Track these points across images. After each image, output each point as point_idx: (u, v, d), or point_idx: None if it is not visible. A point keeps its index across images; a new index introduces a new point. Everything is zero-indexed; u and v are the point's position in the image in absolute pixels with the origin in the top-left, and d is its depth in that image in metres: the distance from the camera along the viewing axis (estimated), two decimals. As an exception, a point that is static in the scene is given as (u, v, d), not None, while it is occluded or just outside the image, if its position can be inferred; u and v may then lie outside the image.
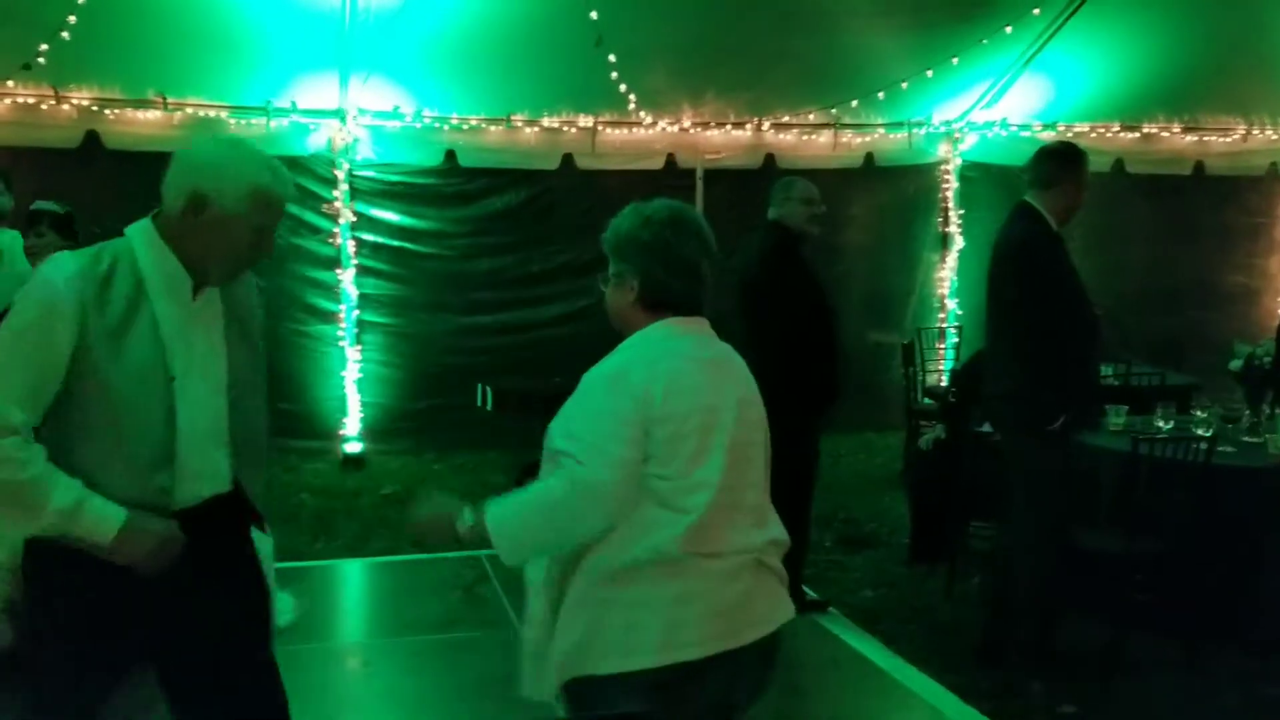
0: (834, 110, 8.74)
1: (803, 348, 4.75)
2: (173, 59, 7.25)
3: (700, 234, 2.35)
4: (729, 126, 8.79)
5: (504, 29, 7.11)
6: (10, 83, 7.20)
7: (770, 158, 8.87)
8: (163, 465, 2.25)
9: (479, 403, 7.27)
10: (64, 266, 2.19)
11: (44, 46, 6.72)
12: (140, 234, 2.29)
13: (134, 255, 2.25)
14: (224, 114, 7.79)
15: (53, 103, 7.40)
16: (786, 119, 8.80)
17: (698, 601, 2.17)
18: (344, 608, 5.68)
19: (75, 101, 7.44)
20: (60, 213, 5.06)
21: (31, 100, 7.36)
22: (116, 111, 7.57)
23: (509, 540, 2.17)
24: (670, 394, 2.18)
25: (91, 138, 7.55)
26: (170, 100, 7.60)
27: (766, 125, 8.84)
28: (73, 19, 6.45)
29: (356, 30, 7.05)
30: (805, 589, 5.08)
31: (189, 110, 7.70)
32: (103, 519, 2.17)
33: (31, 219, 5.02)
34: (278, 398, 7.91)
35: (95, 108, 7.50)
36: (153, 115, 7.65)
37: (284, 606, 4.52)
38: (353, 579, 5.85)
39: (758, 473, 2.34)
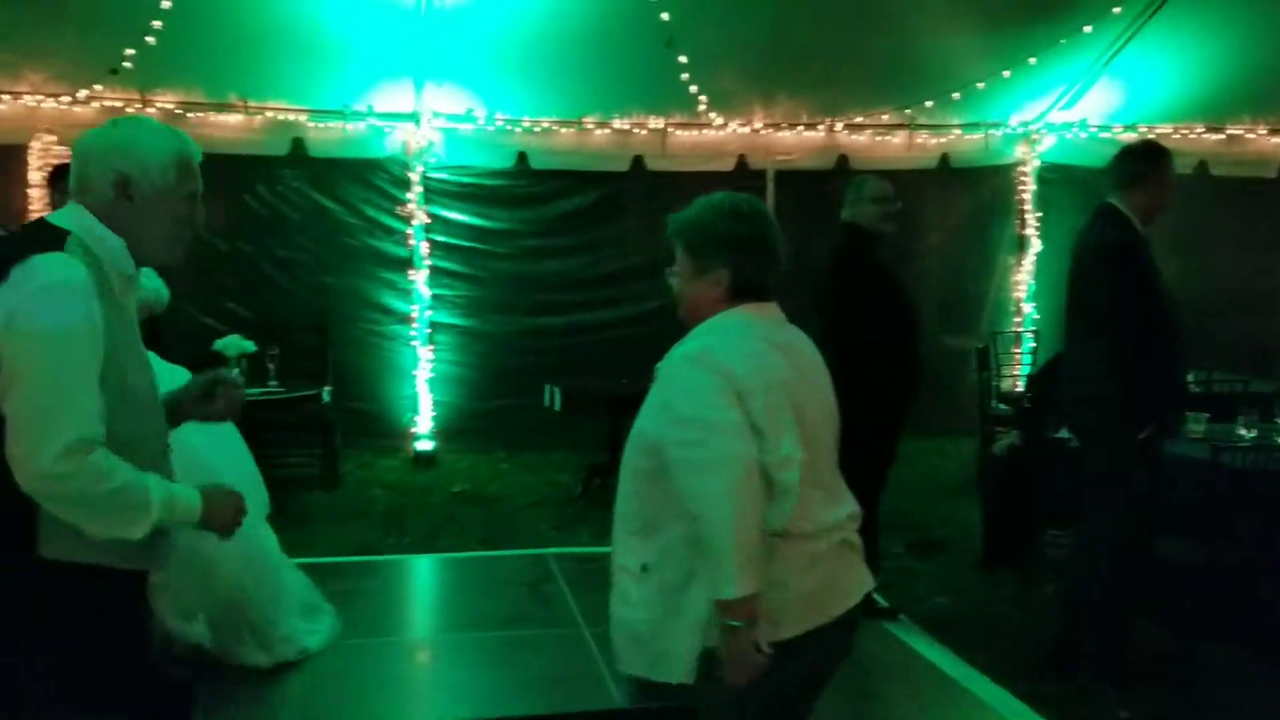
0: (908, 111, 8.64)
1: (875, 351, 4.67)
2: (253, 63, 7.42)
3: (775, 222, 2.42)
4: (801, 127, 8.74)
5: (575, 32, 7.15)
6: (98, 87, 7.43)
7: (843, 159, 8.81)
8: (164, 457, 2.28)
9: (547, 403, 7.32)
10: (72, 265, 2.07)
11: (130, 51, 6.92)
12: (84, 222, 2.17)
13: (89, 246, 2.14)
14: (302, 117, 7.96)
15: (138, 106, 7.61)
16: (860, 120, 8.72)
17: (794, 580, 2.23)
18: (413, 602, 5.75)
19: (160, 105, 7.65)
20: None
21: (118, 104, 7.58)
22: (199, 115, 7.77)
23: (739, 575, 2.09)
24: (751, 371, 2.20)
25: (175, 141, 7.74)
26: (251, 104, 7.78)
27: (839, 126, 8.77)
28: (158, 24, 6.63)
29: (431, 35, 7.14)
30: (875, 595, 5.01)
31: (269, 114, 7.88)
32: (188, 497, 2.18)
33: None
34: (352, 397, 8.07)
35: (179, 111, 7.70)
36: (234, 119, 7.84)
37: (320, 627, 4.54)
38: (422, 574, 5.91)
39: (831, 453, 2.39)
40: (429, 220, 8.33)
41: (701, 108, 8.26)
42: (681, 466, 2.13)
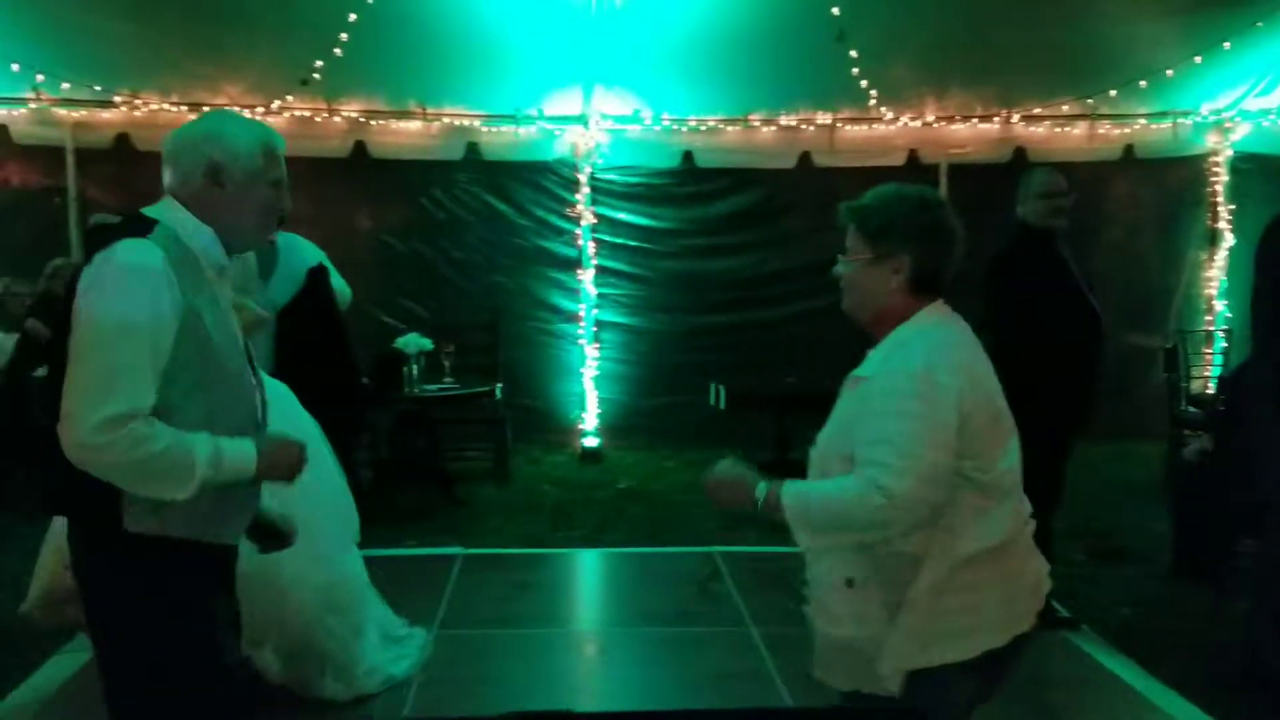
0: (1090, 100, 8.29)
1: (1044, 356, 4.48)
2: (431, 71, 7.70)
3: (954, 216, 2.36)
4: (975, 120, 8.50)
5: (742, 29, 7.15)
6: (289, 98, 7.84)
7: (1020, 151, 8.52)
8: (260, 428, 2.35)
9: (712, 401, 7.33)
10: (150, 250, 2.14)
11: (319, 63, 7.28)
12: (176, 214, 2.26)
13: (178, 235, 2.21)
14: (476, 122, 8.21)
15: (325, 115, 7.99)
16: (1038, 110, 8.42)
17: (1017, 579, 2.28)
18: (581, 595, 5.85)
19: (344, 114, 8.02)
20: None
21: (307, 113, 7.99)
22: (381, 122, 8.11)
23: (803, 527, 2.17)
24: (971, 387, 2.18)
25: (359, 147, 8.11)
26: (429, 110, 8.07)
27: (1016, 117, 8.48)
28: (345, 36, 6.95)
29: (600, 38, 7.25)
30: (1054, 604, 4.83)
31: (445, 119, 8.16)
32: (241, 452, 2.19)
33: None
34: (521, 394, 8.27)
35: (362, 119, 8.06)
36: (413, 125, 8.16)
37: (407, 651, 4.32)
38: (590, 568, 6.01)
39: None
40: (596, 220, 8.47)
41: (871, 102, 8.12)
42: (867, 474, 2.09)
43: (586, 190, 8.45)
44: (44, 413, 2.19)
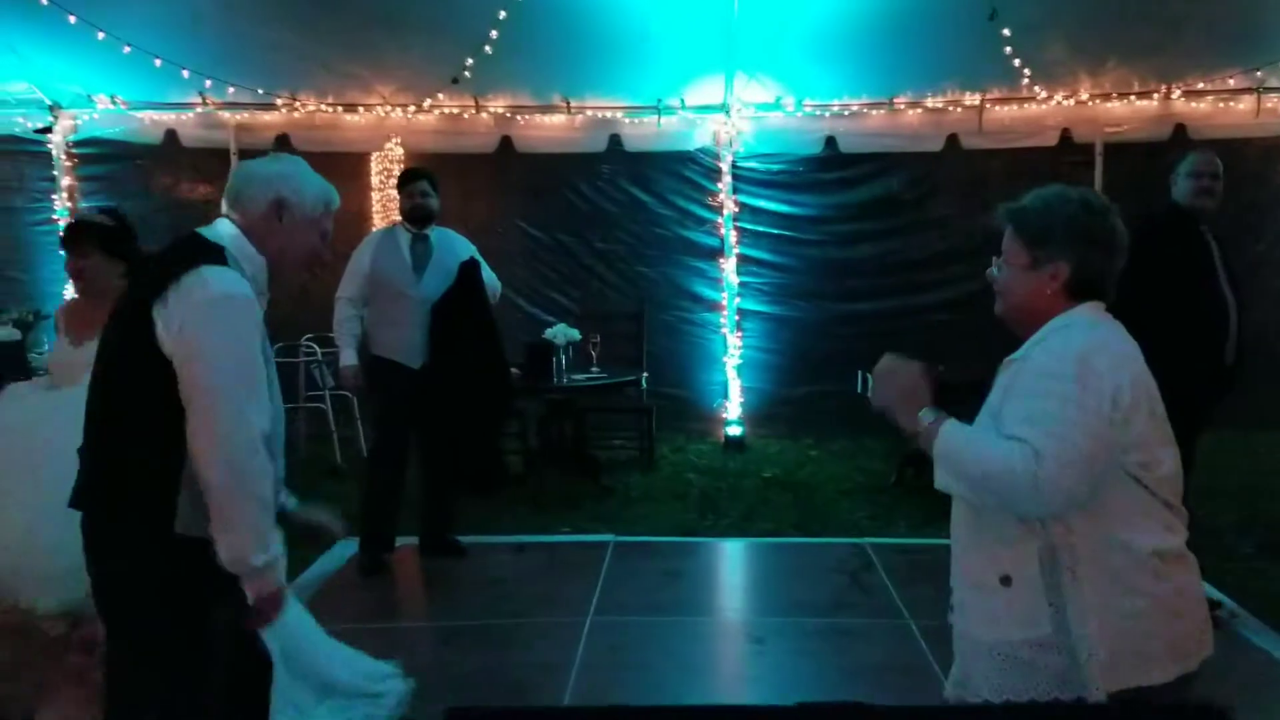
0: (1259, 73, 7.85)
1: (1176, 339, 4.24)
2: (575, 65, 7.79)
3: (1118, 219, 2.26)
4: (1132, 96, 8.14)
5: (888, 10, 7.00)
6: (440, 96, 8.05)
7: (1180, 128, 8.12)
8: (277, 460, 2.42)
9: (860, 390, 7.24)
10: (238, 282, 2.31)
11: (469, 61, 7.45)
12: (239, 245, 2.41)
13: (239, 262, 2.37)
14: (619, 114, 8.28)
15: (473, 112, 8.18)
16: (1200, 85, 8.02)
17: (1197, 592, 2.17)
18: (732, 584, 5.88)
19: (491, 109, 8.19)
20: (110, 226, 3.64)
21: (455, 110, 8.19)
22: (526, 117, 8.26)
23: (948, 467, 2.13)
24: (1132, 381, 2.10)
25: (505, 142, 8.28)
26: (572, 103, 8.18)
27: (1176, 93, 8.10)
28: (494, 33, 7.09)
29: (741, 25, 7.22)
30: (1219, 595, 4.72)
31: (589, 112, 8.26)
32: (280, 573, 2.35)
33: (73, 237, 3.65)
34: (665, 382, 8.33)
35: (508, 114, 8.22)
36: (557, 119, 8.28)
37: (381, 708, 3.84)
38: (739, 557, 6.03)
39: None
40: (738, 209, 8.45)
41: (1024, 81, 7.87)
42: (1024, 448, 2.02)
43: (728, 179, 8.43)
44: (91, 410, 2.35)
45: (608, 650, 4.48)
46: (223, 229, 2.42)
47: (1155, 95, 8.11)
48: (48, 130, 8.36)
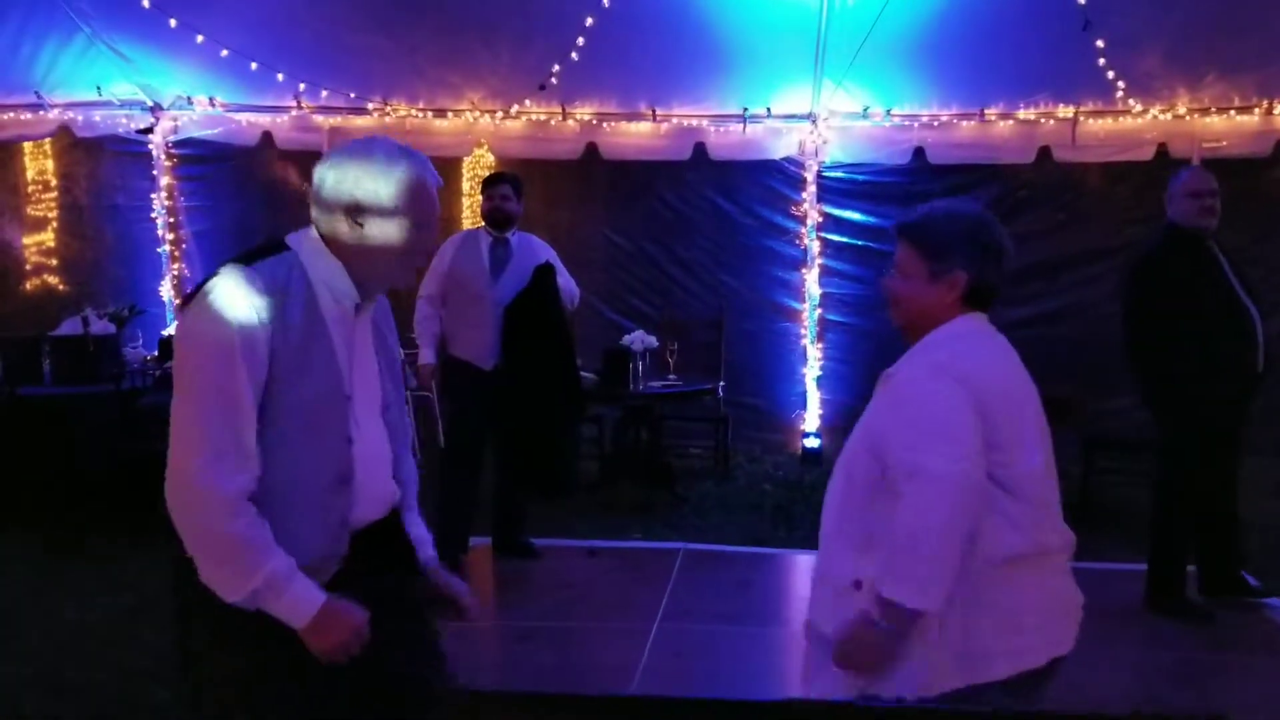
0: (1369, 87, 7.55)
1: (1208, 358, 4.58)
2: (661, 73, 7.81)
3: (1005, 231, 2.42)
4: (1232, 111, 7.88)
5: (979, 20, 6.91)
6: (527, 102, 8.13)
7: (1282, 144, 7.86)
8: (343, 487, 2.16)
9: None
10: (239, 291, 2.04)
11: (556, 68, 7.51)
12: (309, 247, 2.18)
13: (304, 269, 2.15)
14: (704, 122, 8.26)
15: (559, 118, 8.24)
16: (1304, 100, 7.74)
17: (1054, 597, 2.28)
18: (802, 596, 5.74)
19: (578, 117, 8.24)
20: None
21: (542, 117, 8.26)
22: (612, 124, 8.30)
23: (921, 582, 2.12)
24: (990, 382, 2.24)
25: (590, 149, 8.33)
26: (658, 111, 8.20)
27: (1278, 108, 7.82)
28: (581, 41, 7.14)
29: (829, 33, 7.16)
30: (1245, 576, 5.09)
31: (674, 120, 8.26)
32: (304, 599, 2.05)
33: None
34: (743, 391, 8.29)
35: (594, 121, 8.27)
36: (643, 126, 8.30)
37: None
38: (810, 569, 5.93)
39: (1054, 468, 2.37)
40: (822, 219, 8.37)
41: (1119, 94, 7.67)
42: (907, 473, 2.13)
43: (813, 189, 8.36)
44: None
45: (672, 656, 4.47)
46: (301, 233, 2.20)
47: (1256, 110, 7.84)
48: (149, 131, 8.64)
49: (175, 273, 9.00)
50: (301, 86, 8.20)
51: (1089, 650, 4.44)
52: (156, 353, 7.87)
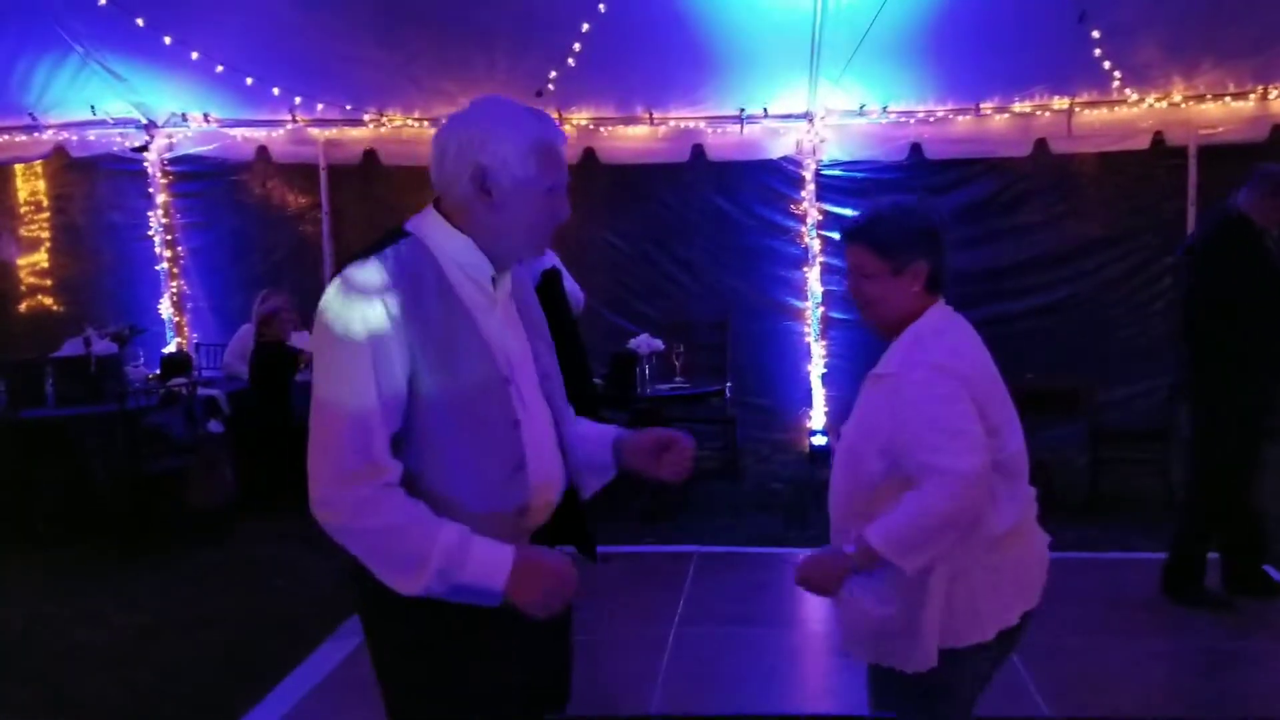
0: (1366, 70, 7.56)
1: (1243, 342, 4.61)
2: (657, 76, 7.80)
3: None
4: (1228, 98, 7.88)
5: (972, 14, 6.91)
6: (525, 108, 8.11)
7: (1277, 129, 7.85)
8: (515, 478, 1.99)
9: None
10: (374, 277, 1.89)
11: (553, 74, 7.50)
12: (433, 227, 2.02)
13: (430, 251, 1.98)
14: (702, 124, 8.26)
15: (557, 124, 8.22)
16: (1301, 85, 7.74)
17: (1029, 558, 2.45)
18: (818, 597, 5.78)
19: (574, 122, 8.23)
20: None
21: (540, 123, 8.23)
22: (609, 128, 8.29)
23: (905, 552, 2.24)
24: (982, 370, 2.36)
25: (589, 154, 8.32)
26: (655, 114, 8.19)
27: (1274, 93, 7.83)
28: (578, 46, 7.13)
29: (823, 32, 7.16)
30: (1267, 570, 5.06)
31: (671, 123, 8.26)
32: (491, 559, 1.87)
33: None
34: (749, 391, 8.28)
35: (592, 126, 8.26)
36: (641, 130, 8.29)
37: None
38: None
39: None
40: (821, 217, 8.37)
41: (1115, 83, 7.67)
42: (930, 472, 2.21)
43: (812, 187, 8.37)
44: None
45: (694, 661, 4.46)
46: (423, 216, 2.04)
47: (1251, 96, 7.84)
48: (144, 149, 8.62)
49: (174, 290, 8.97)
50: (297, 100, 8.19)
51: (1109, 640, 4.47)
52: (159, 371, 7.85)
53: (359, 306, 1.87)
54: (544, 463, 2.06)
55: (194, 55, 7.38)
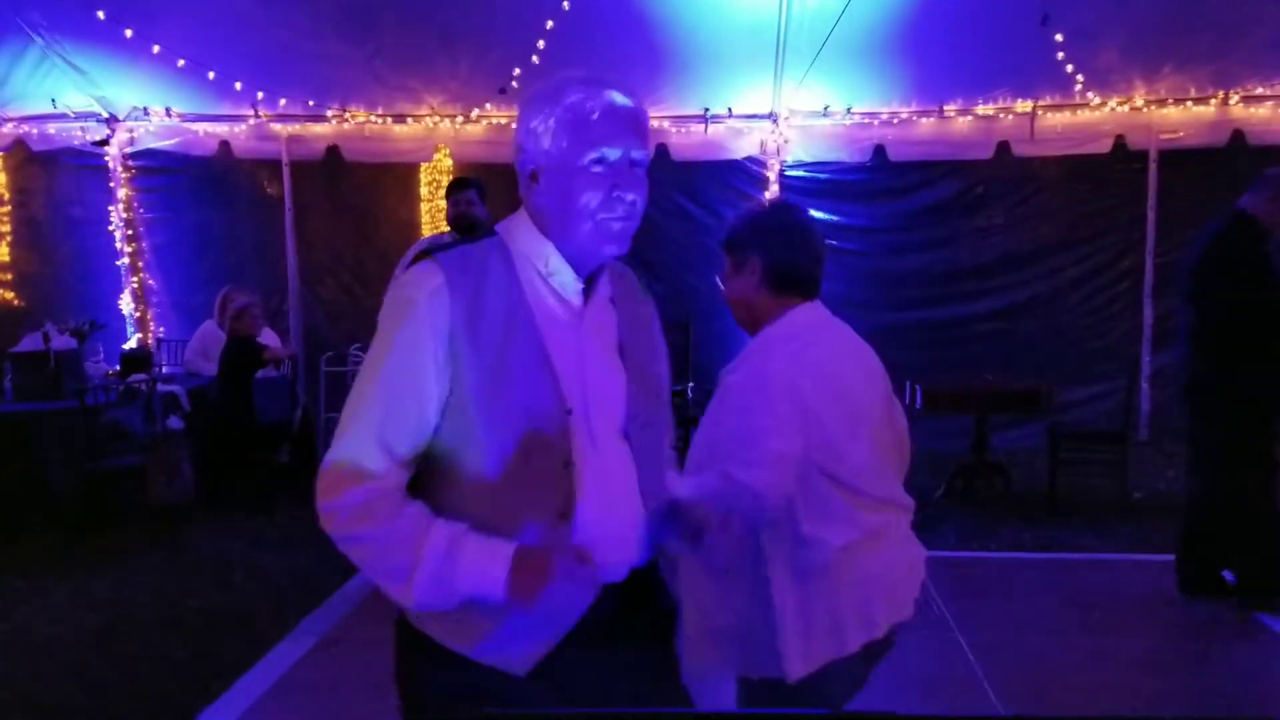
0: (1323, 78, 7.69)
1: (1247, 347, 4.60)
2: (621, 74, 7.67)
3: (808, 217, 2.52)
4: (1189, 102, 8.00)
5: (936, 17, 6.97)
6: (488, 106, 8.10)
7: (1238, 134, 7.98)
8: (558, 527, 1.71)
9: (906, 401, 7.17)
10: (428, 278, 1.71)
11: (517, 71, 7.48)
12: (518, 228, 1.80)
13: (509, 255, 1.77)
14: (665, 123, 8.28)
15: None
16: (1260, 91, 7.86)
17: (890, 571, 2.32)
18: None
19: (540, 120, 8.21)
20: None
21: (503, 121, 8.23)
22: (576, 128, 8.27)
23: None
24: (820, 382, 2.26)
25: (552, 154, 8.29)
26: (619, 113, 8.18)
27: (1234, 99, 7.95)
28: (541, 44, 7.12)
29: (788, 34, 7.19)
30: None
31: (636, 121, 8.24)
32: (487, 554, 1.66)
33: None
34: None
35: (557, 126, 8.24)
36: (604, 128, 8.28)
37: None
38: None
39: (894, 455, 2.42)
40: (786, 218, 8.40)
41: (1077, 87, 7.76)
42: (719, 479, 2.11)
43: (776, 188, 8.41)
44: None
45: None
46: (517, 215, 1.83)
47: (1212, 101, 7.96)
48: (105, 143, 8.53)
49: (135, 285, 8.89)
50: (259, 95, 8.13)
51: (1063, 639, 4.53)
52: (119, 367, 7.78)
53: (403, 306, 1.71)
54: (606, 515, 1.75)
55: (155, 49, 7.31)
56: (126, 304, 8.86)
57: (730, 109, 8.18)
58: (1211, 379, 4.76)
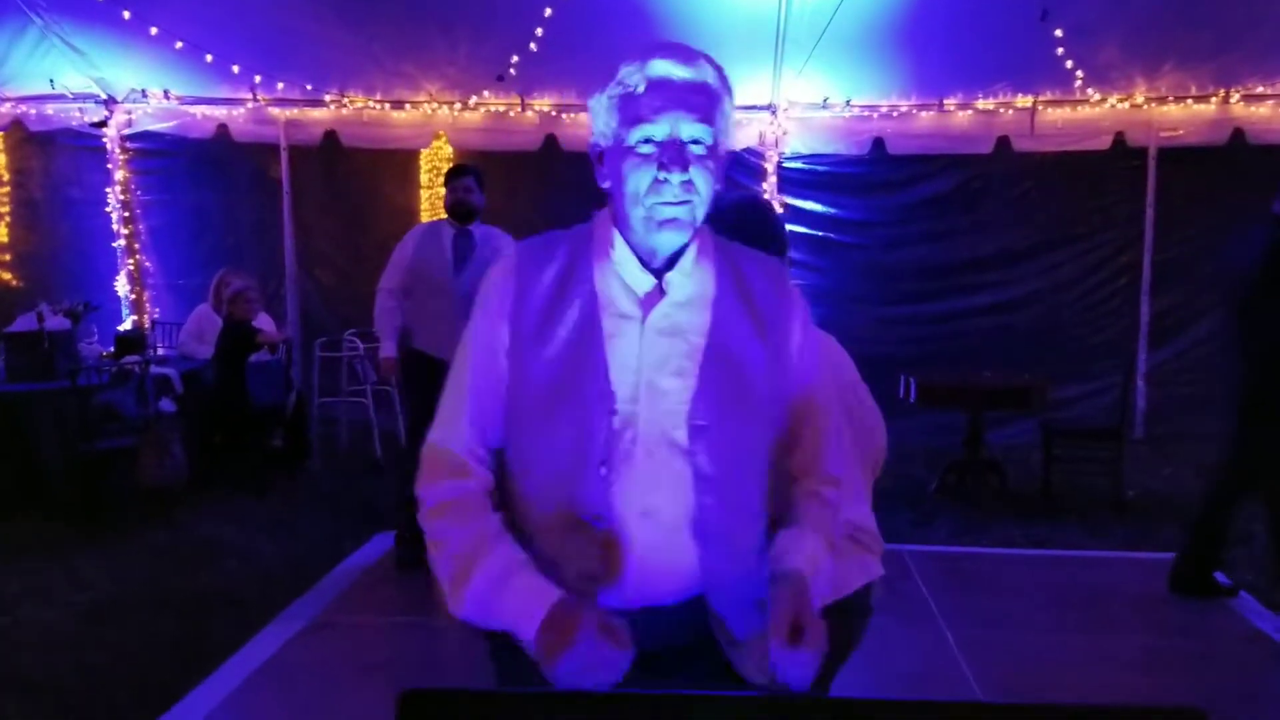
0: (1324, 77, 7.67)
1: None
2: (619, 62, 7.73)
3: (772, 212, 2.44)
4: (1189, 100, 7.98)
5: (940, 10, 6.96)
6: (486, 93, 8.08)
7: (1238, 133, 7.97)
8: (584, 531, 1.61)
9: (901, 394, 7.16)
10: (506, 261, 1.70)
11: (515, 59, 7.46)
12: (600, 214, 1.73)
13: (587, 246, 1.69)
14: (667, 113, 8.23)
15: (518, 109, 8.20)
16: (1261, 90, 7.85)
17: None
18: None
19: (537, 108, 8.20)
20: None
21: (501, 109, 8.21)
22: (571, 116, 8.26)
23: None
24: None
25: (550, 141, 8.29)
26: (623, 102, 8.17)
27: (1235, 97, 7.93)
28: (540, 31, 7.10)
29: (789, 26, 7.17)
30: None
31: (634, 111, 8.23)
32: (530, 594, 1.57)
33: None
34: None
35: (553, 113, 8.23)
36: (604, 117, 8.26)
37: None
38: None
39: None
40: (783, 210, 8.39)
41: (1077, 83, 7.74)
42: None
43: (773, 179, 8.39)
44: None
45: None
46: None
47: (1213, 99, 7.94)
48: (103, 124, 8.51)
49: (131, 266, 8.88)
50: (257, 79, 8.11)
51: (1050, 636, 4.53)
52: (113, 348, 7.77)
53: (488, 290, 1.68)
54: (641, 534, 1.62)
55: (153, 31, 7.29)
56: (122, 286, 8.85)
57: (729, 99, 8.14)
58: (1260, 390, 4.64)
